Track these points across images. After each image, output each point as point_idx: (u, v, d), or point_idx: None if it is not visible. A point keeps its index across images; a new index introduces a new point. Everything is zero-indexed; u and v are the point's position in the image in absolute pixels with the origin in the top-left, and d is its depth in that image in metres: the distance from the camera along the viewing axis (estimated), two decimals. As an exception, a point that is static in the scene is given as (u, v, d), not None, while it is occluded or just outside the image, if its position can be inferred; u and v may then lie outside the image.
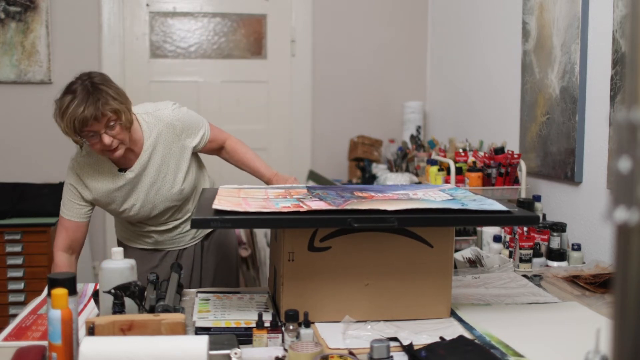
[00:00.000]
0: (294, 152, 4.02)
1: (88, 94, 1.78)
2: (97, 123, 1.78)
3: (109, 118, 1.79)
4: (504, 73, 3.02)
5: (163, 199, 2.02)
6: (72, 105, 1.76)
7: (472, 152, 2.80)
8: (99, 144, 1.82)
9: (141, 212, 2.02)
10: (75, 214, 1.98)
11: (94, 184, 1.96)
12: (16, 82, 3.67)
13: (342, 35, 4.01)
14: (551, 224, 2.25)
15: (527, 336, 1.50)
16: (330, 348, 1.43)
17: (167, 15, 3.87)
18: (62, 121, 1.79)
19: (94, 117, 1.76)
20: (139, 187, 1.99)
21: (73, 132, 1.80)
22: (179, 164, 2.02)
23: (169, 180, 2.00)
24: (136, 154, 1.97)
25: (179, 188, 2.02)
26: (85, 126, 1.77)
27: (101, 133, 1.80)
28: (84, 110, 1.75)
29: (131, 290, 1.46)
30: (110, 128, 1.81)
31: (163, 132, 1.98)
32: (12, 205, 3.22)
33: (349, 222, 1.48)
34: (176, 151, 2.01)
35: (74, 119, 1.76)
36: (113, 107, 1.80)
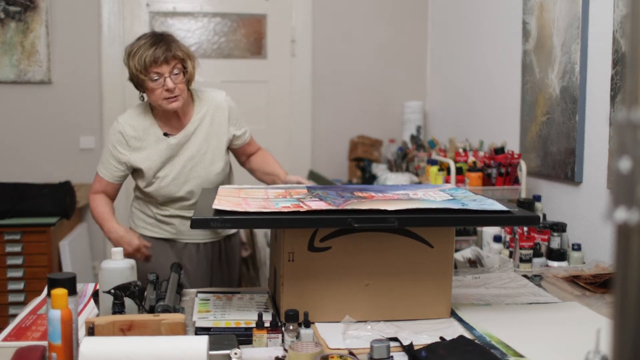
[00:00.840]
0: (294, 152, 4.02)
1: (161, 38, 1.92)
2: (165, 65, 1.89)
3: (176, 64, 1.91)
4: (504, 73, 3.02)
5: (196, 176, 2.04)
6: (144, 46, 1.89)
7: (472, 152, 2.80)
8: (160, 89, 1.90)
9: (171, 186, 2.03)
10: (110, 175, 2.04)
11: (136, 144, 2.01)
12: (16, 82, 3.67)
13: (342, 35, 4.01)
14: (551, 224, 2.25)
15: (527, 336, 1.50)
16: (330, 348, 1.43)
17: (167, 15, 3.87)
18: (132, 59, 1.89)
19: (164, 57, 1.88)
20: (178, 157, 2.03)
21: (142, 70, 1.88)
22: (219, 147, 2.07)
23: (207, 159, 2.05)
24: (183, 124, 2.04)
25: (215, 170, 2.06)
26: (154, 65, 1.87)
27: (166, 76, 1.89)
28: (156, 49, 1.87)
29: (131, 290, 1.46)
30: (174, 75, 1.91)
31: (212, 111, 2.07)
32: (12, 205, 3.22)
33: (349, 222, 1.48)
34: (220, 134, 2.07)
35: (145, 56, 1.87)
36: (182, 52, 1.93)
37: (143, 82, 1.92)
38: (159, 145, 2.01)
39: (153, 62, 1.88)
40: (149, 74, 1.90)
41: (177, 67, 1.92)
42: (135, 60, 1.89)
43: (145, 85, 1.93)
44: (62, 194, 3.30)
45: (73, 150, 3.78)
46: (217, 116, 2.07)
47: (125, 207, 3.86)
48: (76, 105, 3.77)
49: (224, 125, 2.08)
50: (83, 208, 3.78)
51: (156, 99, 1.94)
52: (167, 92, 1.91)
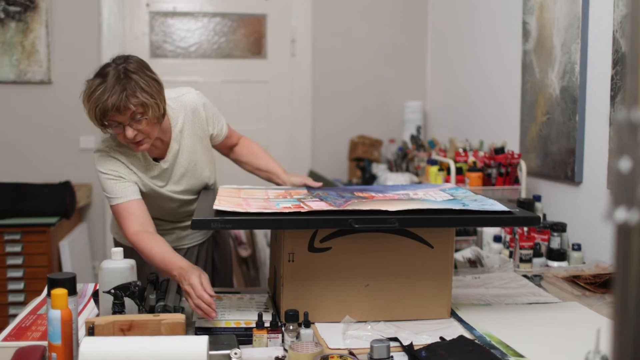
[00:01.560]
0: (294, 152, 4.02)
1: (117, 81, 1.65)
2: (119, 114, 1.66)
3: (134, 111, 1.66)
4: (504, 73, 3.02)
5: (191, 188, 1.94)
6: (98, 90, 1.66)
7: (472, 152, 2.80)
8: (122, 134, 1.70)
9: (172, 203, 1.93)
10: (129, 192, 1.77)
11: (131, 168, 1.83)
12: (16, 82, 3.67)
13: (342, 35, 4.01)
14: (551, 224, 2.25)
15: (527, 336, 1.50)
16: (331, 348, 1.43)
17: (167, 15, 3.87)
18: (86, 106, 1.71)
19: (116, 107, 1.64)
20: (174, 177, 1.90)
21: (95, 119, 1.69)
22: (205, 152, 1.96)
23: (198, 168, 1.93)
24: (165, 143, 1.87)
25: (206, 175, 1.96)
26: (106, 115, 1.66)
27: (125, 124, 1.68)
28: (107, 99, 1.64)
29: (131, 290, 1.46)
30: (136, 121, 1.68)
31: (190, 117, 1.90)
32: (12, 205, 3.22)
33: (350, 222, 1.48)
34: (203, 137, 1.94)
35: (97, 106, 1.66)
36: (140, 100, 1.66)
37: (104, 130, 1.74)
38: (151, 171, 1.86)
39: (104, 112, 1.65)
40: (103, 123, 1.69)
41: (136, 114, 1.67)
42: (88, 108, 1.69)
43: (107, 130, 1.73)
44: (62, 194, 3.30)
45: (73, 150, 3.78)
46: (196, 121, 1.90)
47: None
48: (76, 105, 3.70)
49: (204, 128, 1.93)
50: (83, 208, 3.79)
51: (123, 142, 1.74)
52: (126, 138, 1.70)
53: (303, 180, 1.99)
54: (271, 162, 2.10)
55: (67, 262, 3.28)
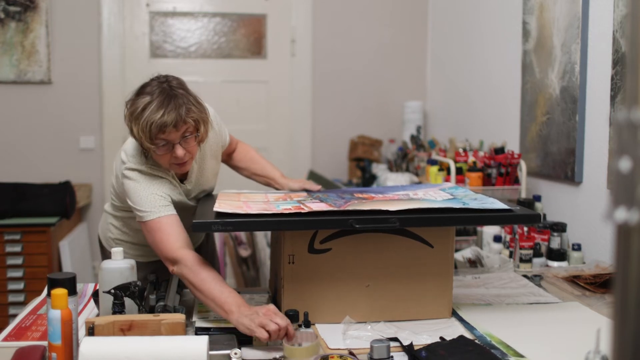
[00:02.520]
0: (294, 152, 4.02)
1: (169, 97, 1.57)
2: (175, 131, 1.57)
3: (187, 128, 1.60)
4: (504, 73, 3.02)
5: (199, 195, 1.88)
6: (149, 108, 1.55)
7: (472, 152, 2.80)
8: (168, 155, 1.61)
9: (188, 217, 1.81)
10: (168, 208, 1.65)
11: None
12: (16, 82, 3.67)
13: (342, 35, 4.01)
14: (551, 224, 2.25)
15: (527, 336, 1.50)
16: (331, 348, 1.43)
17: (167, 15, 3.87)
18: (136, 125, 1.57)
19: (174, 124, 1.56)
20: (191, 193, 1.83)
21: (147, 139, 1.57)
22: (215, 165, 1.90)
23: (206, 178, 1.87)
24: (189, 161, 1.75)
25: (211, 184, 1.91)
26: (161, 133, 1.56)
27: (175, 143, 1.59)
28: (164, 115, 1.54)
29: (131, 290, 1.46)
30: (185, 140, 1.61)
31: None
32: (12, 205, 3.22)
33: (351, 223, 1.48)
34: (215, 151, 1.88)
35: (151, 124, 1.54)
36: (195, 116, 1.60)
37: (149, 150, 1.62)
38: (177, 191, 1.76)
39: (159, 130, 1.56)
40: (154, 142, 1.58)
41: (188, 131, 1.61)
42: (139, 126, 1.56)
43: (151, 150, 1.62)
44: (62, 194, 3.30)
45: (73, 150, 3.78)
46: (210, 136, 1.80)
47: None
48: (76, 105, 3.77)
49: (217, 142, 1.89)
50: (83, 208, 3.79)
51: (164, 163, 1.66)
52: (175, 158, 1.62)
53: (302, 185, 1.95)
54: (268, 167, 2.05)
55: (67, 262, 3.28)
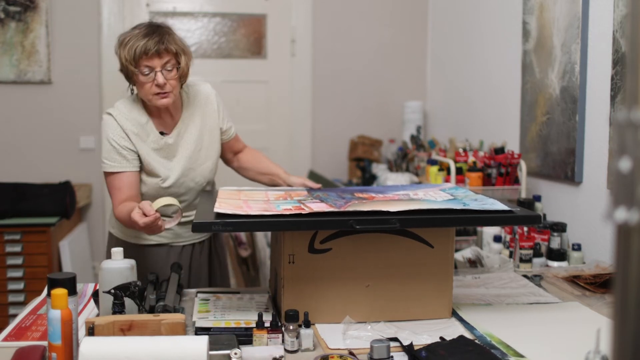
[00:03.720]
0: (294, 152, 4.02)
1: (156, 29, 1.81)
2: (157, 58, 1.78)
3: (169, 59, 1.80)
4: (504, 73, 3.02)
5: (194, 176, 1.96)
6: (136, 36, 1.78)
7: (472, 152, 2.80)
8: (150, 84, 1.79)
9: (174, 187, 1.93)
10: (126, 164, 1.85)
11: (135, 140, 1.88)
12: (16, 82, 3.67)
13: (342, 35, 4.01)
14: (551, 224, 2.25)
15: (527, 336, 1.50)
16: (331, 348, 1.43)
17: (167, 15, 3.87)
18: (123, 50, 1.78)
19: (156, 50, 1.77)
20: (177, 157, 1.93)
21: (132, 61, 1.77)
22: (212, 143, 2.00)
23: (202, 156, 1.97)
24: (175, 121, 1.95)
25: (208, 167, 1.99)
26: (144, 57, 1.76)
27: (157, 70, 1.78)
28: (148, 41, 1.76)
29: (131, 290, 1.46)
30: (167, 70, 1.80)
31: (202, 105, 1.99)
32: (12, 205, 3.22)
33: (351, 223, 1.48)
34: (212, 128, 2.00)
35: (136, 47, 1.76)
36: (176, 47, 1.82)
37: (133, 74, 1.80)
38: (157, 142, 1.90)
39: (144, 53, 1.76)
40: (139, 67, 1.78)
41: (170, 62, 1.80)
42: (125, 50, 1.78)
43: (135, 77, 1.81)
44: (62, 194, 3.30)
45: (73, 150, 3.78)
46: (208, 110, 1.99)
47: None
48: (76, 105, 3.77)
49: (214, 118, 2.00)
50: (83, 208, 3.79)
51: (145, 93, 1.82)
52: (157, 87, 1.79)
53: (302, 182, 2.01)
54: (272, 165, 2.14)
55: (67, 262, 3.28)
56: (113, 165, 1.85)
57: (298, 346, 1.43)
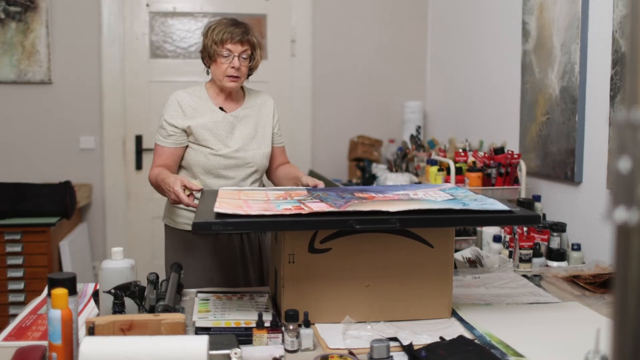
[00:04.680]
0: (294, 152, 4.02)
1: (241, 23, 2.10)
2: (238, 45, 2.05)
3: (247, 49, 2.07)
4: (504, 73, 3.02)
5: (248, 156, 2.12)
6: (226, 24, 2.07)
7: (472, 152, 2.79)
8: (226, 65, 2.05)
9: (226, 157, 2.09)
10: (171, 141, 2.09)
11: (191, 112, 2.10)
12: (16, 82, 3.67)
13: (342, 35, 4.01)
14: (551, 224, 2.25)
15: (527, 336, 1.50)
16: (331, 348, 1.43)
17: (167, 15, 3.87)
18: (212, 32, 2.06)
19: (240, 39, 2.04)
20: (237, 131, 2.13)
21: (218, 43, 2.03)
22: (265, 136, 2.19)
23: (256, 142, 2.16)
24: (235, 107, 2.17)
25: (262, 152, 2.16)
26: (229, 41, 2.03)
27: (235, 55, 2.05)
28: (235, 29, 2.05)
29: (131, 290, 1.46)
30: (243, 58, 2.07)
31: (260, 104, 2.22)
32: (12, 205, 3.22)
33: (351, 223, 1.48)
34: (266, 125, 2.20)
35: (224, 32, 2.04)
36: (255, 40, 2.10)
37: (214, 54, 2.05)
38: (214, 116, 2.11)
39: (230, 38, 2.03)
40: (222, 48, 2.04)
41: (247, 51, 2.07)
42: (214, 33, 2.05)
43: (215, 58, 2.06)
44: (62, 194, 3.30)
45: (73, 150, 3.78)
46: (264, 110, 2.22)
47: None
48: (76, 105, 3.77)
49: (269, 118, 2.22)
50: (83, 208, 3.79)
51: (220, 73, 2.07)
52: (232, 69, 2.05)
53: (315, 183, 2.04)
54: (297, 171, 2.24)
55: (67, 262, 3.28)
56: (159, 139, 2.11)
57: (298, 346, 1.43)
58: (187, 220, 2.12)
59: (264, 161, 2.18)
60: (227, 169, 2.10)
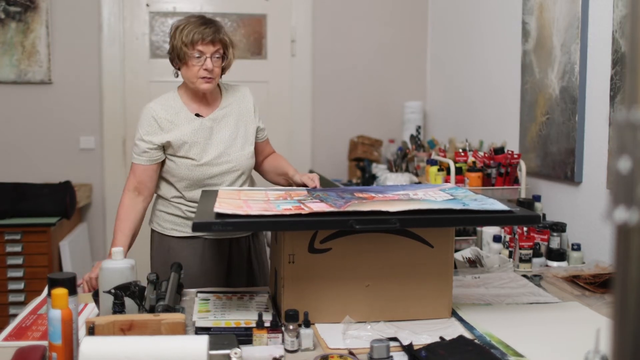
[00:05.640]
0: (294, 152, 4.02)
1: (210, 21, 2.02)
2: (210, 45, 1.97)
3: (219, 49, 1.99)
4: (504, 73, 3.02)
5: (231, 159, 2.06)
6: (195, 23, 1.98)
7: (472, 152, 2.79)
8: (197, 67, 1.98)
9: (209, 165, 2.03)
10: (145, 158, 2.02)
11: (167, 125, 2.02)
12: (16, 82, 3.67)
13: (342, 35, 4.01)
14: (551, 224, 2.25)
15: (527, 336, 1.50)
16: (331, 348, 1.43)
17: (167, 15, 3.87)
18: (181, 33, 1.98)
19: (211, 38, 1.97)
20: (212, 139, 2.05)
21: (188, 45, 1.96)
22: (247, 134, 2.12)
23: (238, 143, 2.09)
24: (211, 108, 2.10)
25: (246, 154, 2.09)
26: (200, 43, 1.96)
27: (207, 56, 1.97)
28: (206, 29, 1.97)
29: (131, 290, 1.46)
30: (215, 57, 1.99)
31: (239, 100, 2.15)
32: (12, 205, 3.22)
33: (351, 223, 1.48)
34: (247, 122, 2.13)
35: (194, 32, 1.95)
36: (227, 39, 2.03)
37: (185, 56, 1.98)
38: (191, 124, 2.03)
39: (201, 39, 1.96)
40: (193, 50, 1.97)
41: (219, 51, 2.00)
42: (183, 34, 1.97)
43: (185, 60, 1.99)
44: (62, 194, 3.30)
45: (73, 150, 3.78)
46: (244, 105, 2.14)
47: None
48: (76, 105, 3.77)
49: (250, 114, 2.15)
50: (83, 208, 3.79)
51: (192, 76, 2.00)
52: (205, 71, 1.98)
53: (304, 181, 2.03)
54: (286, 165, 2.19)
55: (67, 262, 3.28)
56: (133, 156, 2.05)
57: (298, 346, 1.43)
58: (175, 227, 2.10)
59: (249, 162, 2.11)
60: (211, 177, 2.04)
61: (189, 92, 2.08)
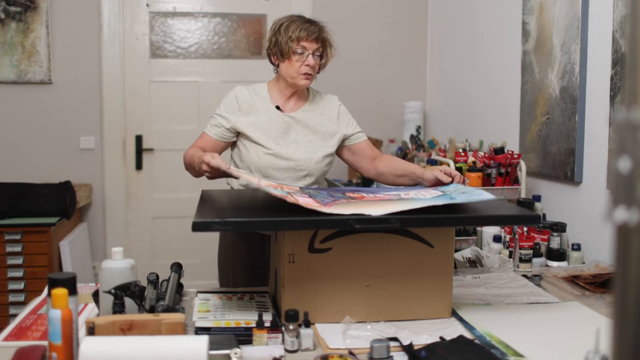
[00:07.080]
0: (294, 152, 4.01)
1: (314, 21, 2.08)
2: (313, 43, 2.03)
3: (319, 47, 2.05)
4: (504, 73, 3.02)
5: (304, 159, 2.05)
6: (299, 21, 2.05)
7: (472, 152, 2.80)
8: (299, 63, 2.02)
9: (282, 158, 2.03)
10: (214, 132, 2.09)
11: (247, 108, 2.08)
12: (16, 82, 3.67)
13: (342, 35, 4.00)
14: (551, 224, 2.25)
15: (527, 336, 1.50)
16: (331, 348, 1.43)
17: (167, 15, 3.87)
18: (286, 29, 2.03)
19: (316, 36, 2.03)
20: (289, 134, 2.07)
21: (294, 40, 2.01)
22: (326, 139, 2.11)
23: (311, 146, 2.08)
24: (295, 109, 2.13)
25: (315, 158, 2.07)
26: (305, 39, 2.01)
27: (309, 53, 2.02)
28: (311, 26, 2.03)
29: (131, 290, 1.46)
30: (316, 55, 2.04)
31: (324, 105, 2.17)
32: (12, 205, 3.22)
33: (351, 223, 1.47)
34: (327, 129, 2.12)
35: (301, 29, 2.02)
36: (329, 38, 2.09)
37: (289, 51, 2.02)
38: (268, 113, 2.07)
39: (306, 36, 2.01)
40: (298, 45, 2.02)
41: (319, 49, 2.05)
42: (290, 30, 2.02)
43: (289, 55, 2.03)
44: (62, 194, 3.30)
45: (73, 150, 3.78)
46: (327, 112, 2.16)
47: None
48: (76, 105, 3.77)
49: (333, 122, 2.14)
50: (83, 208, 3.79)
51: (293, 71, 2.04)
52: (307, 67, 2.02)
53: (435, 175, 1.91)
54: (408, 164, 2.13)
55: (67, 262, 3.28)
56: (209, 130, 2.10)
57: (298, 346, 1.43)
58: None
59: (319, 166, 2.08)
60: (277, 170, 2.04)
61: (279, 87, 2.12)
